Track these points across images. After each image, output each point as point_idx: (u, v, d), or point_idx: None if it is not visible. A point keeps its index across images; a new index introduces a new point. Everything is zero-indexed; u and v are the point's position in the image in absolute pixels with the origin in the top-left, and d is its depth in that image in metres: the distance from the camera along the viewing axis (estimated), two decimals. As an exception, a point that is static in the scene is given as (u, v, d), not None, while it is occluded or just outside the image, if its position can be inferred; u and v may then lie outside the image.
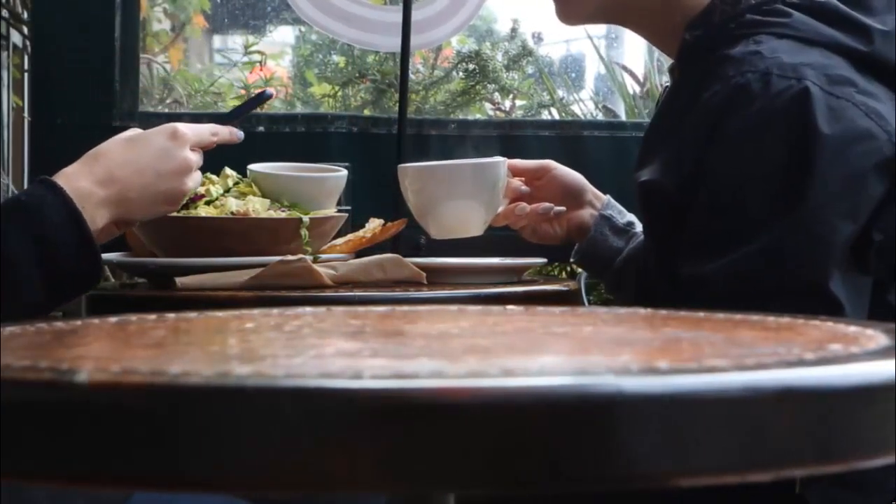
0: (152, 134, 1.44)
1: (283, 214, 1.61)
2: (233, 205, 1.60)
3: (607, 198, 1.73)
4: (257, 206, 1.61)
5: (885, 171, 1.32)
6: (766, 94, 1.31)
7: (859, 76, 1.35)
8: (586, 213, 1.70)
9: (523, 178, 1.70)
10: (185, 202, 1.54)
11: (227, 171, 1.69)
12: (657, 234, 1.45)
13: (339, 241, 1.75)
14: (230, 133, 1.53)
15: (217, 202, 1.61)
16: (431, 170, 1.67)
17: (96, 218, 1.34)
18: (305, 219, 1.58)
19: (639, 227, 1.60)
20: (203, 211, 1.59)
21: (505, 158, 1.66)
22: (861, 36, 1.38)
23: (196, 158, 1.46)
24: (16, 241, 1.27)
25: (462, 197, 1.60)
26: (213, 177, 1.66)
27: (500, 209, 1.65)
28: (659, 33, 1.54)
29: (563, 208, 1.68)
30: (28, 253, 1.27)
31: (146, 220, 1.47)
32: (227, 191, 1.64)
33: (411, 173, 1.66)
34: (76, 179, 1.35)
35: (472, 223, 1.63)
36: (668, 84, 1.60)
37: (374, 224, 1.75)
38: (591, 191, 1.72)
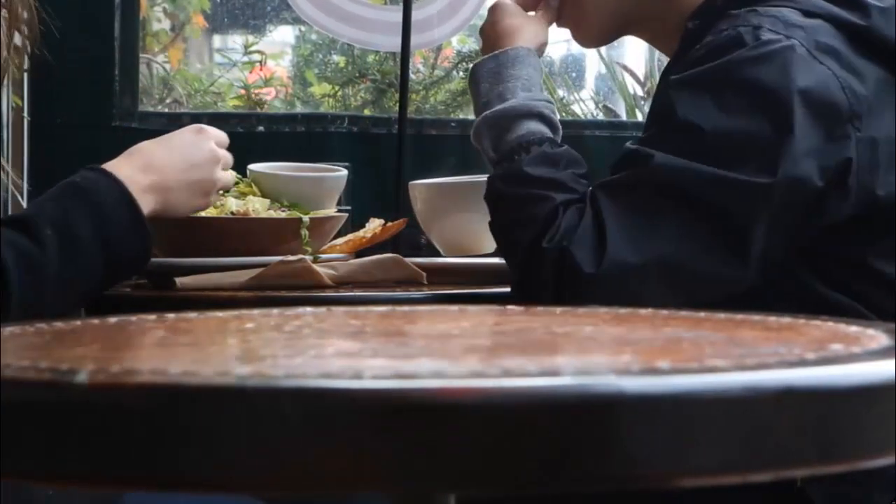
0: (179, 132, 1.53)
1: (283, 214, 1.61)
2: (233, 205, 1.60)
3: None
4: (257, 206, 1.61)
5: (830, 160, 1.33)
6: (755, 43, 1.34)
7: (851, 53, 1.38)
8: None
9: None
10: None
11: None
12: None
13: (340, 240, 1.75)
14: None
15: (217, 202, 1.61)
16: (442, 186, 1.67)
17: (141, 204, 1.38)
18: (305, 219, 1.59)
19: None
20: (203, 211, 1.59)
21: None
22: (859, 11, 1.41)
23: (223, 153, 1.52)
24: (80, 219, 1.32)
25: (474, 213, 1.60)
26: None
27: None
28: (661, 34, 1.57)
29: None
30: (90, 232, 1.32)
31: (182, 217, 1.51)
32: (228, 191, 1.64)
33: (421, 189, 1.66)
34: (118, 168, 1.40)
35: (485, 241, 1.63)
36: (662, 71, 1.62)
37: (374, 224, 1.75)
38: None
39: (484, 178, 1.66)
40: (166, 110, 3.46)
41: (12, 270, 1.23)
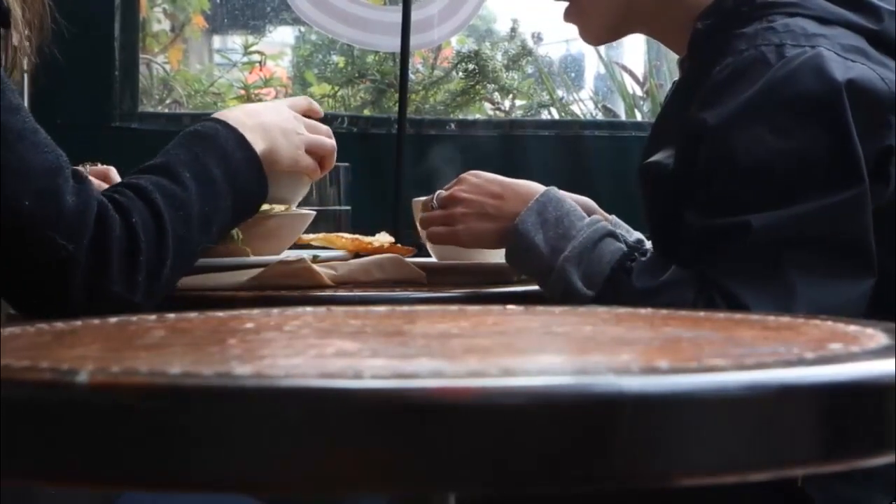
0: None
1: None
2: None
3: (613, 218, 1.73)
4: None
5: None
6: (781, 61, 1.34)
7: (872, 49, 1.38)
8: None
9: None
10: None
11: None
12: (658, 217, 1.46)
13: (347, 235, 1.75)
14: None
15: None
16: None
17: (252, 144, 1.46)
18: None
19: (648, 244, 1.60)
20: None
21: None
22: (871, 15, 1.41)
23: (305, 120, 1.60)
24: (210, 161, 1.40)
25: None
26: None
27: None
28: (668, 30, 1.56)
29: None
30: (220, 172, 1.40)
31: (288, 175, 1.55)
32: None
33: (423, 206, 1.66)
34: (232, 112, 1.50)
35: (486, 258, 1.63)
36: (676, 80, 1.61)
37: (383, 238, 1.75)
38: (599, 213, 1.72)
39: None
40: (166, 111, 3.46)
41: (165, 211, 1.30)
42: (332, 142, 1.61)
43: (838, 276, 1.32)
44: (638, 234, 1.63)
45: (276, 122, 1.52)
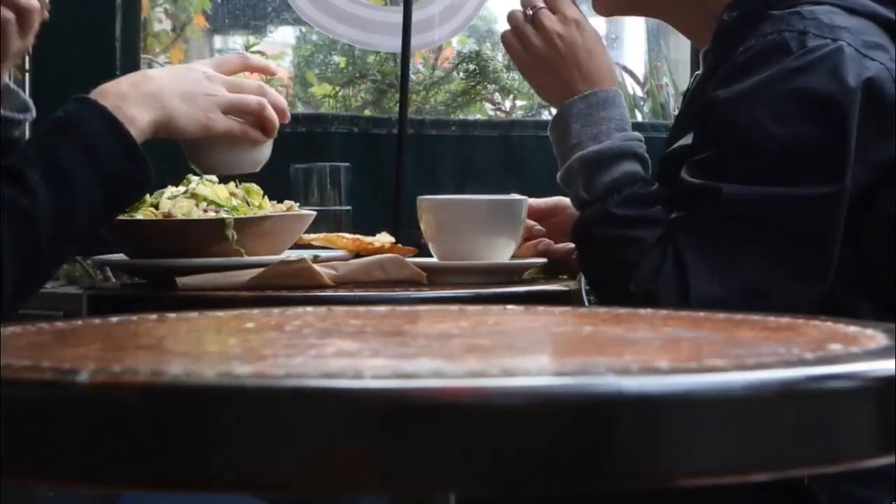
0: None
1: (211, 215, 1.59)
2: (166, 206, 1.60)
3: None
4: (183, 207, 1.60)
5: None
6: (801, 51, 1.34)
7: (893, 45, 1.38)
8: None
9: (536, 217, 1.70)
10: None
11: None
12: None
13: (347, 235, 1.75)
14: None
15: (161, 204, 1.60)
16: (450, 203, 1.67)
17: (136, 118, 1.37)
18: (229, 219, 1.57)
19: None
20: (141, 214, 1.59)
21: (526, 197, 1.66)
22: None
23: (221, 76, 1.48)
24: (68, 155, 1.30)
25: (481, 233, 1.59)
26: (192, 177, 1.66)
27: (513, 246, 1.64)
28: (691, 22, 1.56)
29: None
30: (80, 165, 1.30)
31: (195, 139, 1.47)
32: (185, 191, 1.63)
33: (428, 205, 1.66)
34: (113, 85, 1.39)
35: (489, 256, 1.63)
36: (698, 73, 1.60)
37: (384, 238, 1.75)
38: None
39: (491, 197, 1.66)
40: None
41: (5, 238, 1.23)
42: (256, 99, 1.49)
43: (788, 269, 1.33)
44: None
45: (173, 86, 1.41)
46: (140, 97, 1.37)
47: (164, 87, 1.40)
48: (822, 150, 1.32)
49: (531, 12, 1.51)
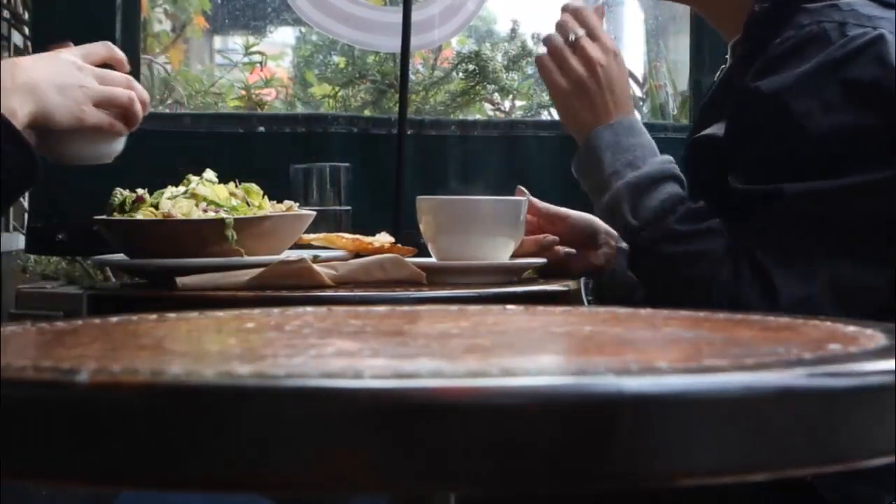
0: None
1: (210, 215, 1.60)
2: (166, 206, 1.60)
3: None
4: (183, 207, 1.60)
5: None
6: (842, 40, 1.35)
7: None
8: (600, 255, 1.71)
9: (538, 219, 1.71)
10: (128, 206, 1.56)
11: (208, 173, 1.68)
12: (703, 192, 1.47)
13: (347, 235, 1.75)
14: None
15: (161, 204, 1.60)
16: (450, 203, 1.67)
17: (16, 111, 1.35)
18: (229, 219, 1.57)
19: None
20: (141, 214, 1.59)
21: (525, 198, 1.66)
22: None
23: (90, 67, 1.47)
24: None
25: (480, 233, 1.60)
26: (192, 177, 1.66)
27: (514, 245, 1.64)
28: (724, 10, 1.56)
29: (573, 251, 1.70)
30: None
31: (69, 127, 1.45)
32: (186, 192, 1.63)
33: (427, 206, 1.65)
34: None
35: (489, 256, 1.63)
36: (724, 67, 1.61)
37: (384, 238, 1.75)
38: (605, 231, 1.72)
39: (491, 197, 1.66)
40: (167, 111, 3.46)
41: None
42: (127, 93, 1.50)
43: (865, 259, 1.33)
44: None
45: (49, 77, 1.39)
46: (22, 86, 1.36)
47: (38, 78, 1.38)
48: (875, 136, 1.33)
49: (573, 38, 1.53)
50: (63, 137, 1.44)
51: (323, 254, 1.67)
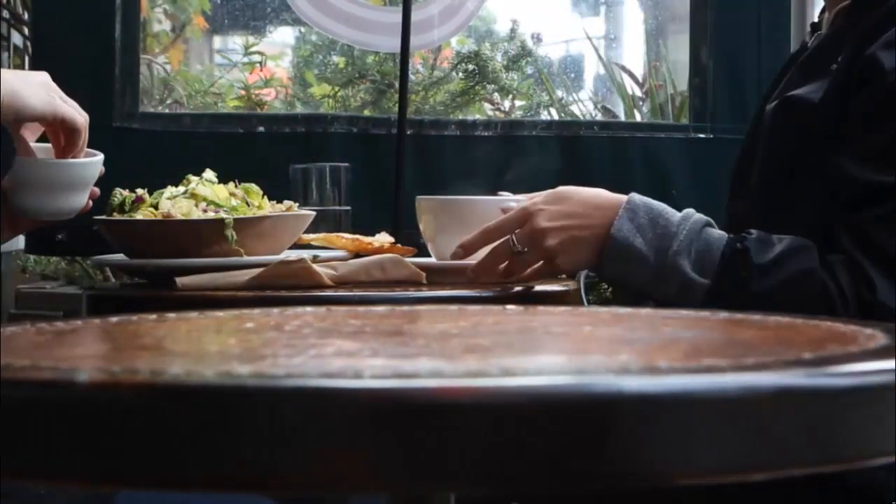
0: None
1: (210, 215, 1.60)
2: (165, 206, 1.60)
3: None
4: (183, 207, 1.60)
5: None
6: None
7: None
8: None
9: None
10: (127, 206, 1.56)
11: (208, 173, 1.68)
12: (785, 154, 1.42)
13: (347, 235, 1.75)
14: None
15: (161, 204, 1.60)
16: (450, 203, 1.67)
17: None
18: (229, 219, 1.57)
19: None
20: (141, 214, 1.59)
21: (524, 198, 1.66)
22: None
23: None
24: None
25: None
26: (192, 177, 1.66)
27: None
28: None
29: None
30: None
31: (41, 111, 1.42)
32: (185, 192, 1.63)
33: (427, 205, 1.65)
34: None
35: None
36: (821, 33, 1.54)
37: (383, 238, 1.75)
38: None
39: (492, 198, 1.66)
40: (166, 111, 3.46)
41: None
42: (84, 118, 1.45)
43: None
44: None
45: (20, 74, 1.41)
46: None
47: (9, 74, 1.39)
48: None
49: (520, 248, 1.47)
50: (27, 188, 1.43)
51: (323, 254, 1.67)
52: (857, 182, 1.32)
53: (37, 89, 1.41)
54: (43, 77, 1.43)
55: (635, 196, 1.44)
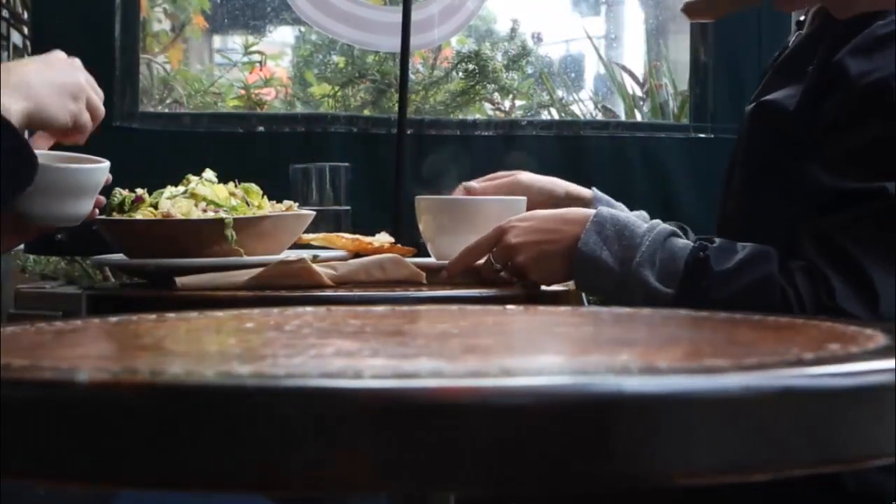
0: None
1: (210, 215, 1.60)
2: (165, 206, 1.60)
3: (620, 205, 1.67)
4: (182, 207, 1.60)
5: None
6: None
7: None
8: None
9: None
10: (127, 206, 1.56)
11: (208, 173, 1.68)
12: (760, 158, 1.42)
13: (347, 235, 1.75)
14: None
15: (160, 204, 1.60)
16: (449, 203, 1.67)
17: (10, 108, 1.34)
18: (228, 219, 1.57)
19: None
20: (141, 214, 1.59)
21: (524, 198, 1.66)
22: None
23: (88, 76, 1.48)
24: None
25: (480, 233, 1.59)
26: (192, 177, 1.66)
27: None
28: None
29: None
30: None
31: (64, 125, 1.44)
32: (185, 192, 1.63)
33: (427, 205, 1.65)
34: None
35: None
36: (800, 32, 1.54)
37: (383, 238, 1.75)
38: (567, 192, 1.70)
39: (492, 198, 1.66)
40: (166, 111, 3.46)
41: None
42: (101, 111, 1.49)
43: None
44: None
45: (40, 75, 1.40)
46: (10, 88, 1.35)
47: (30, 76, 1.39)
48: None
49: (497, 266, 1.52)
50: (39, 195, 1.43)
51: (322, 254, 1.67)
52: (823, 188, 1.33)
53: (59, 99, 1.41)
54: (65, 76, 1.42)
55: (603, 209, 1.48)
